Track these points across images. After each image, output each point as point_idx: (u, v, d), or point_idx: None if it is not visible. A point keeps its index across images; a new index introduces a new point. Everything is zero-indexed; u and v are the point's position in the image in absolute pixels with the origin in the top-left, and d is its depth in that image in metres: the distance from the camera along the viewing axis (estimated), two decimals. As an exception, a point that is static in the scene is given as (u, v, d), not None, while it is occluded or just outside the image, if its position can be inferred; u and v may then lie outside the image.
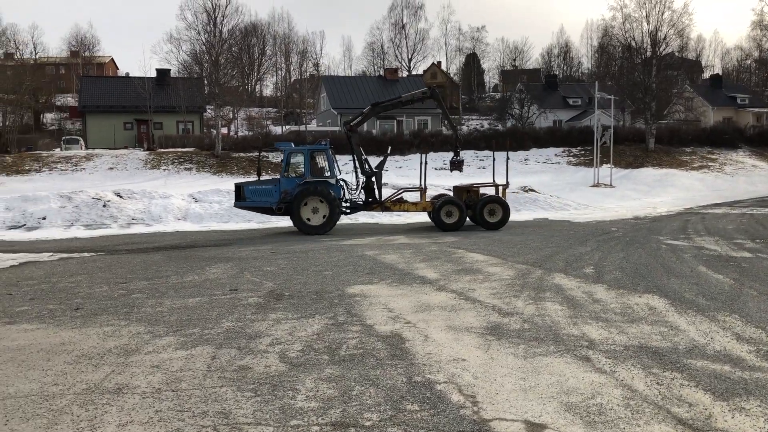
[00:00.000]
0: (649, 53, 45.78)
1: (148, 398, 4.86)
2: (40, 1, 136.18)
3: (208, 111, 58.17)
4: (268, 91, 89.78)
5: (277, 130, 57.18)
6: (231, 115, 55.81)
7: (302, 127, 53.56)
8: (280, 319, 7.50)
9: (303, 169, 18.99)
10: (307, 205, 18.55)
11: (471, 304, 8.23)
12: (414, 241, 15.98)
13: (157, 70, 60.25)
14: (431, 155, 45.61)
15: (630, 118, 56.77)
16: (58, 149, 49.90)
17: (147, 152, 44.88)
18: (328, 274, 10.87)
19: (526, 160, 46.84)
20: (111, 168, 39.95)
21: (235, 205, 20.17)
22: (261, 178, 20.16)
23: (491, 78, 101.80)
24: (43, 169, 40.47)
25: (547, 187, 31.57)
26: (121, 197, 25.55)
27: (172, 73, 59.06)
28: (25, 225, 21.92)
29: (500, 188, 20.01)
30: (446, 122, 23.04)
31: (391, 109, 22.86)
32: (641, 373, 5.44)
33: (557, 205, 26.32)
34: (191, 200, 26.87)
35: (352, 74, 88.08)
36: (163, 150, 45.59)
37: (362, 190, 20.18)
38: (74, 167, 41.47)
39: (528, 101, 63.74)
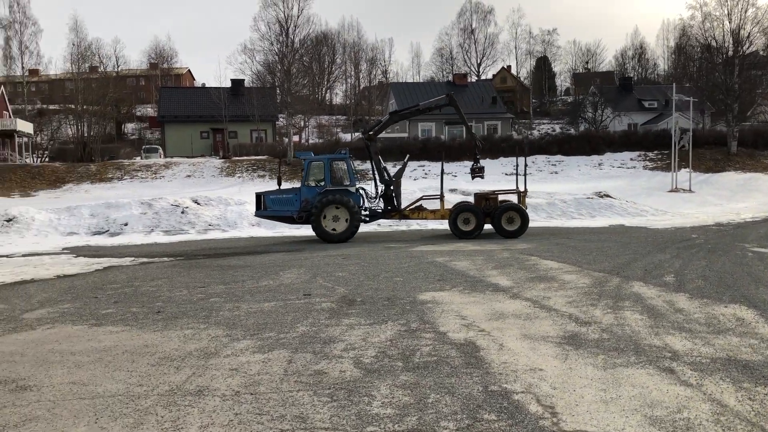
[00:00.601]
0: (731, 53, 43.93)
1: (227, 401, 4.97)
2: (122, 16, 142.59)
3: (280, 119, 59.41)
4: (337, 99, 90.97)
5: (347, 137, 57.79)
6: (302, 123, 56.80)
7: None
8: (353, 325, 7.54)
9: (323, 178, 19.27)
10: (328, 213, 18.75)
11: (546, 312, 8.06)
12: (485, 247, 15.81)
13: (231, 80, 62.02)
14: (501, 160, 45.14)
15: (710, 120, 54.54)
16: (139, 158, 51.93)
17: (222, 160, 46.18)
18: (399, 280, 10.87)
19: (600, 164, 45.69)
20: (188, 176, 41.27)
21: (256, 215, 20.46)
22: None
23: (563, 81, 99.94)
24: (125, 177, 42.23)
25: (623, 193, 30.67)
26: (198, 204, 26.32)
27: (246, 83, 60.67)
28: (108, 231, 22.90)
29: (520, 196, 20.05)
30: (465, 129, 22.55)
31: (410, 117, 23.13)
32: (731, 387, 5.18)
33: (633, 211, 25.53)
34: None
35: (421, 80, 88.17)
36: (237, 158, 46.84)
37: (381, 199, 20.33)
38: (154, 175, 43.10)
39: (601, 104, 62.14)
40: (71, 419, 4.67)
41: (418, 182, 37.51)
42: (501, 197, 20.13)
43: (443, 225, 20.92)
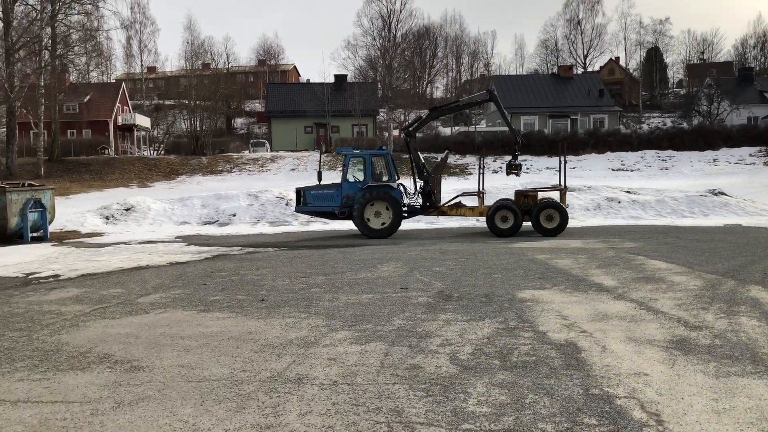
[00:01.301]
0: None
1: (325, 390, 5.07)
2: (233, 14, 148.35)
3: (381, 114, 59.97)
4: (438, 93, 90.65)
5: (446, 131, 57.55)
6: (402, 118, 57.04)
7: (471, 128, 53.41)
8: (450, 321, 7.50)
9: (362, 174, 19.11)
10: (371, 209, 18.63)
11: (653, 315, 7.70)
12: (589, 245, 15.30)
13: (335, 75, 63.21)
14: (609, 155, 43.54)
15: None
16: (247, 151, 53.92)
17: (324, 154, 47.15)
18: (498, 277, 10.71)
19: (714, 160, 43.16)
20: (293, 169, 42.43)
21: (296, 210, 20.31)
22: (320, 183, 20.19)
23: (675, 73, 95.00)
24: (234, 170, 43.97)
25: (740, 190, 28.80)
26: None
27: (349, 79, 61.59)
28: (218, 221, 23.94)
29: (561, 193, 19.43)
30: (507, 126, 21.71)
31: (449, 113, 22.67)
32: None
33: (752, 210, 23.92)
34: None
35: (524, 73, 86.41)
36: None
37: (420, 195, 19.97)
38: (260, 168, 44.66)
39: (718, 97, 58.62)
40: (179, 400, 4.91)
41: (520, 177, 36.78)
42: (542, 194, 19.70)
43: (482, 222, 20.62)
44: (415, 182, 20.11)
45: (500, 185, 27.66)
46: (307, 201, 19.17)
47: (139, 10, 57.56)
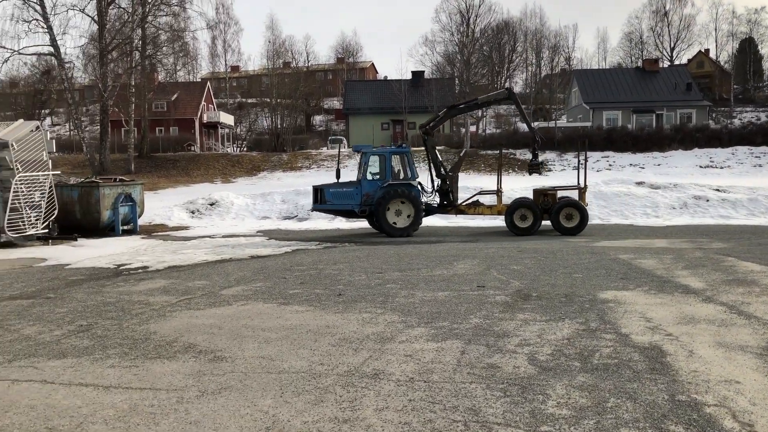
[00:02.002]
0: None
1: (402, 386, 5.08)
2: (313, 14, 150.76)
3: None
4: (517, 88, 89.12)
5: (524, 126, 56.57)
6: (480, 114, 56.45)
7: (551, 123, 52.29)
8: (528, 320, 7.37)
9: (380, 172, 18.93)
10: (392, 207, 18.51)
11: (745, 319, 7.32)
12: (674, 245, 14.71)
13: (412, 72, 63.23)
14: (695, 151, 41.68)
15: None
16: (325, 148, 54.69)
17: (401, 150, 47.20)
18: (578, 276, 10.45)
19: (815, 157, 40.62)
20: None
21: (313, 208, 20.00)
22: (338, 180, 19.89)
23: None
24: (312, 166, 44.70)
25: (843, 189, 26.96)
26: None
27: (426, 75, 61.47)
28: (296, 216, 24.43)
29: (580, 192, 19.18)
30: (526, 124, 20.88)
31: (467, 111, 22.10)
32: None
33: None
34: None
35: (607, 67, 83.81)
36: (415, 148, 47.71)
37: (437, 193, 19.64)
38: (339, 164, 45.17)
39: (819, 89, 55.04)
40: (260, 391, 5.04)
41: (601, 174, 35.77)
42: (561, 193, 19.37)
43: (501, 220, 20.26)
44: (432, 180, 19.93)
45: (593, 182, 26.93)
46: (326, 199, 18.99)
47: (224, 11, 59.30)
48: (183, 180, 39.92)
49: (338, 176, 19.65)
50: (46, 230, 18.78)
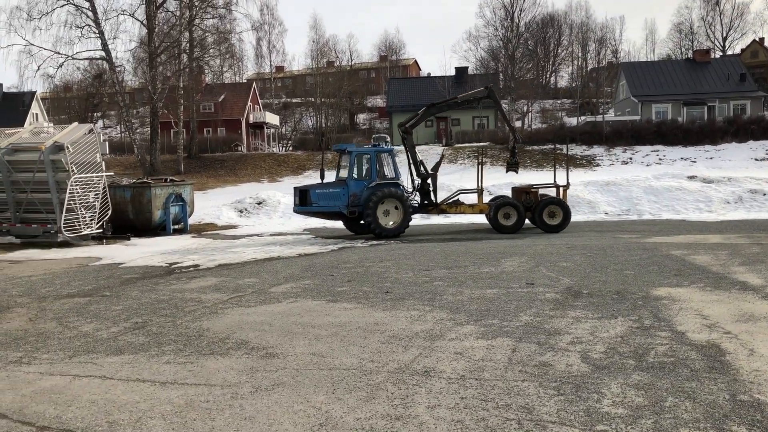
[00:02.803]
0: None
1: (453, 384, 5.06)
2: (356, 12, 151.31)
3: (503, 105, 59.01)
4: (562, 82, 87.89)
5: (572, 121, 55.69)
6: (525, 109, 55.84)
7: (598, 118, 51.34)
8: (580, 318, 7.25)
9: (364, 171, 18.28)
10: (381, 208, 17.85)
11: (808, 317, 7.05)
12: (730, 240, 14.29)
13: (456, 68, 62.86)
14: (751, 144, 40.38)
15: None
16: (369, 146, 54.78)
17: (445, 147, 47.13)
18: (630, 273, 10.24)
19: None
20: (413, 162, 42.56)
21: (298, 211, 18.94)
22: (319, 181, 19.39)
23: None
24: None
25: None
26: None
27: (470, 71, 61.08)
28: (341, 214, 24.49)
29: (561, 189, 19.06)
30: (505, 123, 20.36)
31: (447, 110, 21.44)
32: None
33: None
34: (486, 193, 27.45)
35: (655, 59, 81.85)
36: (459, 145, 47.49)
37: (417, 193, 19.08)
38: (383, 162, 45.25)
39: None
40: (312, 388, 5.08)
41: (651, 168, 34.97)
42: (542, 191, 19.33)
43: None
44: (412, 180, 19.40)
45: (643, 176, 26.40)
46: (311, 201, 18.08)
47: (268, 12, 59.84)
48: (231, 180, 40.57)
49: (322, 177, 19.25)
50: (101, 230, 19.32)
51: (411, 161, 19.40)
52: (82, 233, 18.55)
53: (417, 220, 21.66)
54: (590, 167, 38.11)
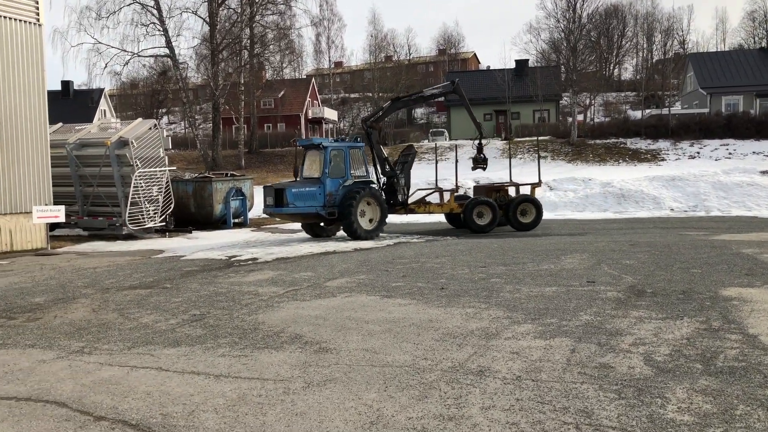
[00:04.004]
0: None
1: (508, 384, 4.91)
2: (415, 6, 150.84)
3: (564, 98, 57.83)
4: (626, 75, 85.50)
5: (636, 114, 54.08)
6: (587, 102, 54.55)
7: (664, 110, 49.69)
8: (643, 318, 6.97)
9: (335, 168, 16.88)
10: (359, 207, 16.62)
11: None
12: (806, 239, 13.56)
13: (515, 61, 61.95)
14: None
15: None
16: (426, 141, 54.61)
17: (504, 141, 46.50)
18: (697, 272, 9.81)
19: None
20: (471, 157, 42.18)
21: (270, 212, 17.05)
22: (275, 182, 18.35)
23: None
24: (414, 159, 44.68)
25: None
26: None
27: (530, 63, 60.09)
28: (398, 209, 24.41)
29: (531, 187, 19.03)
30: (470, 118, 19.35)
31: (413, 105, 20.41)
32: None
33: None
34: (546, 188, 26.99)
35: (725, 49, 78.66)
36: (519, 139, 46.75)
37: (382, 192, 17.94)
38: (439, 157, 44.99)
39: None
40: (364, 384, 5.02)
41: (721, 163, 33.61)
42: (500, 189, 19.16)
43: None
44: (378, 178, 18.42)
45: (711, 171, 25.49)
46: (287, 201, 16.20)
47: (327, 8, 60.18)
48: (289, 175, 40.95)
49: (296, 175, 17.77)
50: (163, 223, 19.82)
51: (376, 158, 18.37)
52: (146, 226, 19.07)
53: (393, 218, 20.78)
54: (655, 162, 36.93)
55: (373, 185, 17.54)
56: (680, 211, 22.56)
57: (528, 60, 60.48)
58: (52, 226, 18.57)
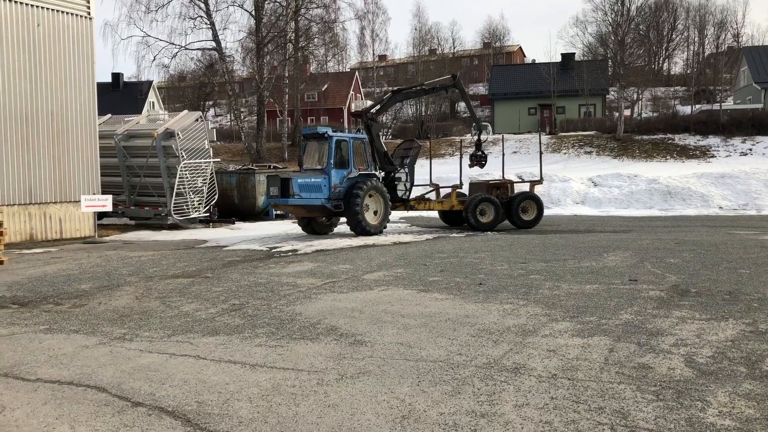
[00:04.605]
0: None
1: (543, 383, 4.85)
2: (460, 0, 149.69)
3: (611, 93, 56.74)
4: (677, 69, 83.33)
5: (686, 109, 52.69)
6: (635, 96, 53.38)
7: (715, 106, 48.29)
8: (686, 318, 6.79)
9: (337, 160, 16.13)
10: (366, 201, 15.95)
11: None
12: None
13: (561, 54, 61.04)
14: None
15: None
16: (469, 135, 54.25)
17: (548, 136, 45.90)
18: (745, 272, 9.52)
19: None
20: (515, 152, 41.87)
21: (274, 203, 16.64)
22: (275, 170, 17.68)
23: None
24: (455, 153, 44.44)
25: None
26: (522, 180, 26.50)
27: (576, 57, 59.14)
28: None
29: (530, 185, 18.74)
30: (470, 114, 18.48)
31: (414, 97, 19.64)
32: None
33: None
34: (590, 184, 26.59)
35: (783, 42, 75.93)
36: (564, 134, 46.08)
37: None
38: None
39: None
40: (397, 378, 5.01)
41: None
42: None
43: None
44: (376, 171, 17.49)
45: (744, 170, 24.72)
46: (293, 192, 15.40)
47: (372, 1, 60.28)
48: (331, 167, 41.22)
49: (301, 165, 17.07)
50: (207, 214, 20.16)
51: (375, 152, 17.58)
52: (190, 216, 19.42)
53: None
54: (704, 158, 35.95)
55: (378, 179, 16.99)
56: (729, 210, 21.93)
57: (574, 54, 59.48)
58: (100, 215, 19.07)
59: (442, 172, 31.85)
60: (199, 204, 19.82)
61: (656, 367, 5.20)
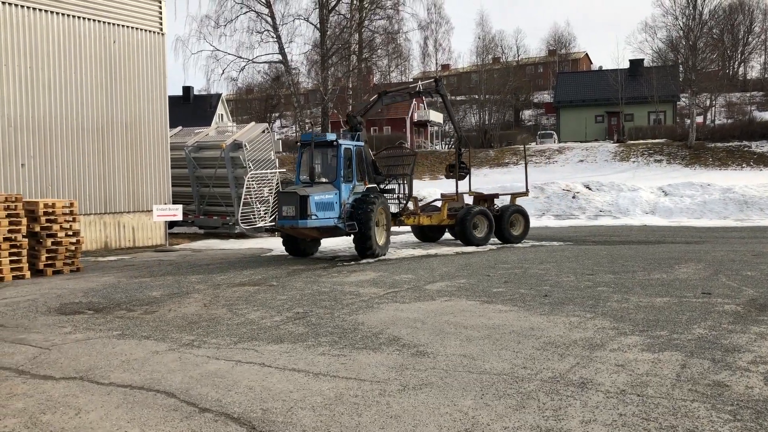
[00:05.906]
0: None
1: (611, 398, 4.70)
2: (524, 6, 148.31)
3: (682, 99, 54.95)
4: (753, 73, 79.95)
5: (763, 115, 50.49)
6: (707, 103, 51.54)
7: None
8: (764, 334, 6.48)
9: (341, 171, 13.95)
10: (375, 219, 13.84)
11: None
12: None
13: (630, 60, 59.60)
14: None
15: None
16: (534, 143, 53.53)
17: (616, 144, 44.85)
18: (830, 286, 9.01)
19: None
20: (581, 160, 41.10)
21: (288, 225, 13.39)
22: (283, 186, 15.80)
23: None
24: (520, 162, 43.96)
25: None
26: (589, 189, 25.99)
27: (645, 63, 57.63)
28: (503, 213, 24.06)
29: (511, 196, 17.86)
30: (451, 121, 17.03)
31: (400, 99, 18.22)
32: None
33: None
34: (660, 193, 25.82)
35: None
36: (632, 142, 44.91)
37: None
38: (547, 160, 44.01)
39: None
40: (460, 391, 4.96)
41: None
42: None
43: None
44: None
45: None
46: (310, 212, 13.00)
47: (435, 11, 60.21)
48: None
49: (312, 177, 13.88)
50: (273, 223, 20.51)
51: (364, 161, 15.27)
52: (257, 225, 19.81)
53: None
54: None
55: (379, 192, 15.06)
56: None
57: (643, 60, 57.93)
58: (171, 224, 19.67)
59: (506, 181, 31.51)
60: (265, 213, 20.20)
61: (733, 385, 4.97)
